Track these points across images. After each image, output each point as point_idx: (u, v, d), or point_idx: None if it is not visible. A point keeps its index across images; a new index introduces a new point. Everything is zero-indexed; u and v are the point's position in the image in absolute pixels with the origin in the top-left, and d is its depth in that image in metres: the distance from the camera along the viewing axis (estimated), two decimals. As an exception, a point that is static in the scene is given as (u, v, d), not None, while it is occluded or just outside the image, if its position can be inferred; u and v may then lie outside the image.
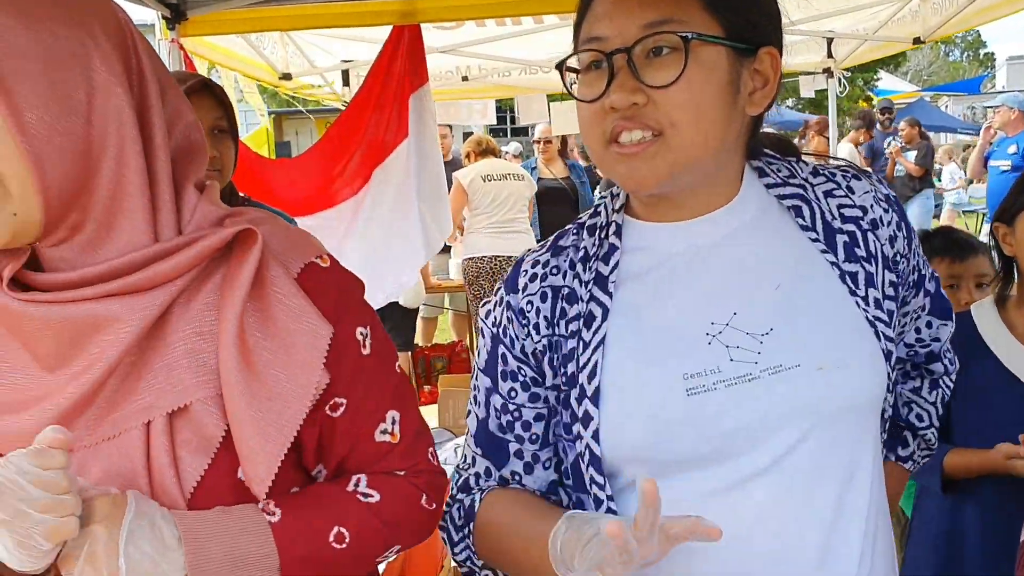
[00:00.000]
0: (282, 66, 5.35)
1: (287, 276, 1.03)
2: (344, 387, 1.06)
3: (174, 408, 0.99)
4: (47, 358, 0.98)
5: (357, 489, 1.09)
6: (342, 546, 1.04)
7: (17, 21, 0.90)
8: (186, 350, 0.99)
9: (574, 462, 1.15)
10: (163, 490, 0.98)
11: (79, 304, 0.96)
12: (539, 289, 1.18)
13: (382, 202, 3.88)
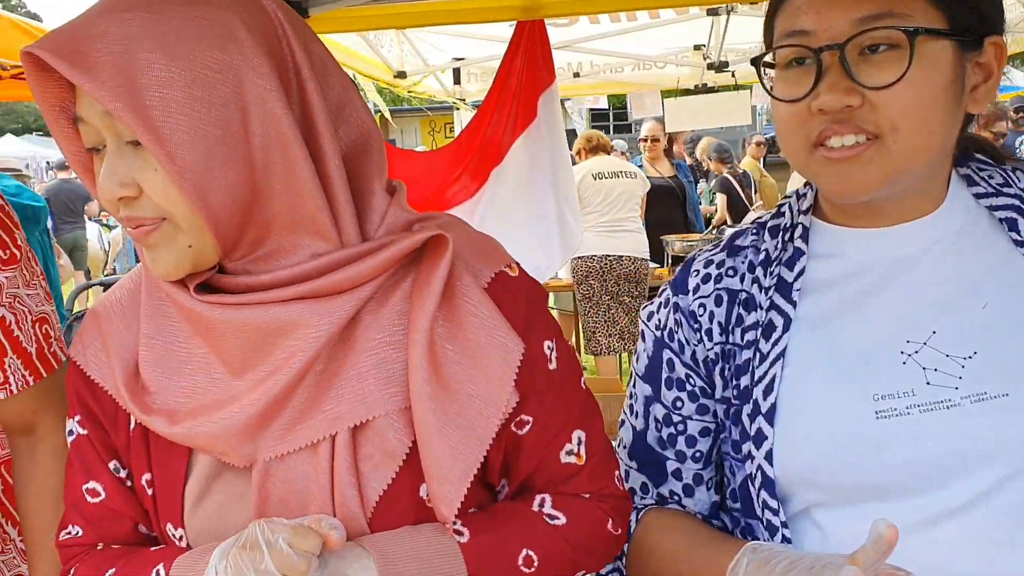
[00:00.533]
0: (397, 64, 5.36)
1: (477, 285, 0.96)
2: (531, 405, 0.99)
3: (359, 421, 0.93)
4: (233, 362, 0.94)
5: (542, 510, 1.02)
6: (531, 570, 0.98)
7: (162, 54, 0.84)
8: (375, 360, 0.93)
9: (742, 484, 1.06)
10: (344, 507, 0.93)
11: (266, 308, 0.91)
12: (713, 291, 1.10)
13: (501, 200, 3.82)
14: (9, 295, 1.28)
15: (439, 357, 0.93)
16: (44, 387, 1.33)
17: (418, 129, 17.04)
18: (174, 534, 1.00)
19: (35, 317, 1.33)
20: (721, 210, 8.16)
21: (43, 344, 1.34)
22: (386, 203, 0.98)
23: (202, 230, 0.89)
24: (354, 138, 0.98)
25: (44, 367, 1.33)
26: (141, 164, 0.87)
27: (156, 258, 0.91)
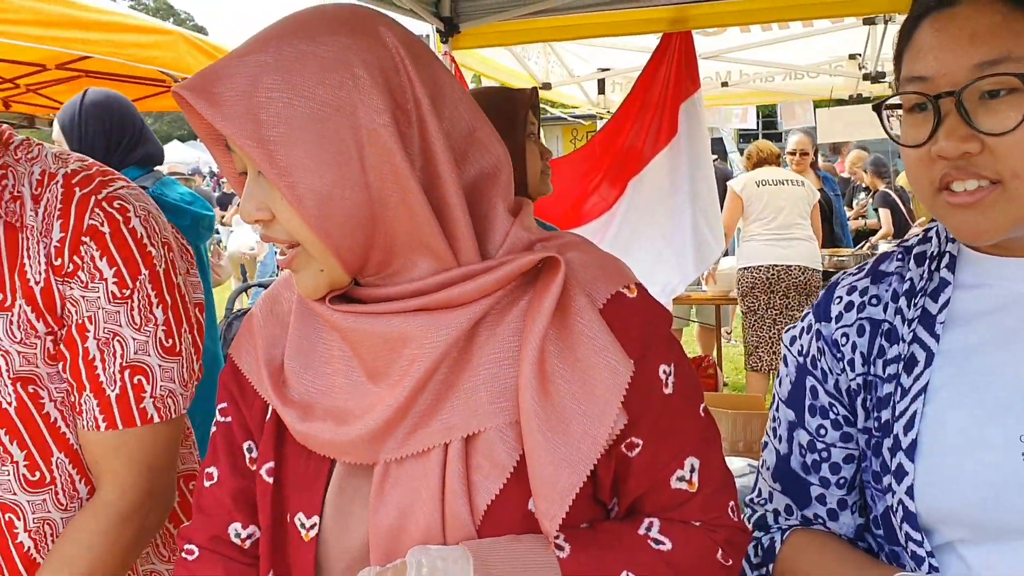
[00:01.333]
0: (543, 76, 5.42)
1: (592, 307, 0.96)
2: (642, 428, 0.98)
3: (472, 432, 0.95)
4: (369, 368, 0.99)
5: (649, 534, 1.00)
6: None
7: (284, 91, 0.89)
8: (489, 374, 0.96)
9: (884, 513, 1.04)
10: (454, 515, 0.95)
11: (388, 318, 0.95)
12: (856, 320, 1.07)
13: (637, 211, 3.79)
14: (107, 331, 1.19)
15: (548, 375, 0.94)
16: (116, 440, 1.21)
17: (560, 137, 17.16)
18: (304, 523, 1.04)
19: (127, 363, 1.20)
20: (886, 224, 7.81)
21: (129, 393, 1.20)
22: (508, 224, 1.00)
23: (327, 255, 0.94)
24: (481, 163, 1.00)
25: (122, 418, 1.20)
26: (272, 192, 0.93)
27: (299, 280, 0.98)
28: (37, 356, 1.17)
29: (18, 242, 1.15)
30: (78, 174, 1.19)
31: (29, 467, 1.19)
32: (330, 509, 1.03)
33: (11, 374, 1.16)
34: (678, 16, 3.66)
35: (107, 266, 1.16)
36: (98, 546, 1.19)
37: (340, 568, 1.03)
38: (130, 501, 1.22)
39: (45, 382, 1.19)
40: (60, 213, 1.16)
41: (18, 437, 1.18)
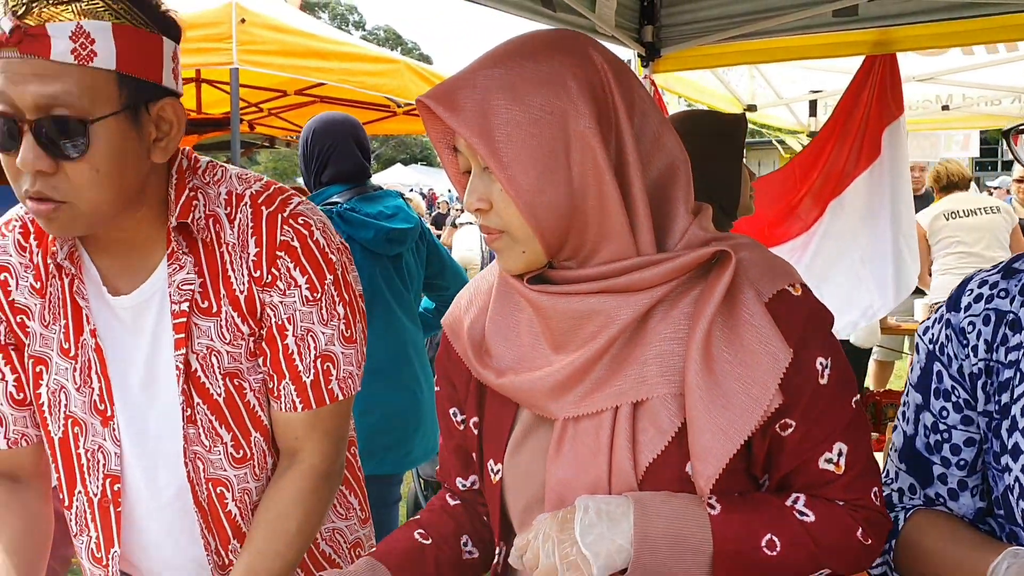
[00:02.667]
0: (748, 97, 5.41)
1: (758, 300, 1.08)
2: (796, 410, 1.09)
3: (640, 399, 1.10)
4: (544, 341, 1.16)
5: (795, 506, 1.11)
6: (772, 553, 1.07)
7: (508, 99, 1.06)
8: (659, 351, 1.10)
9: (1003, 493, 1.09)
10: (619, 470, 1.09)
11: (581, 297, 1.12)
12: (983, 311, 1.13)
13: (835, 236, 3.74)
14: (303, 329, 1.37)
15: (713, 356, 1.07)
16: (313, 418, 1.40)
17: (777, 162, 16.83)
18: (493, 469, 1.23)
19: (320, 353, 1.39)
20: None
21: (321, 379, 1.39)
22: (688, 222, 1.13)
23: (532, 239, 1.11)
24: (665, 166, 1.15)
25: (316, 399, 1.39)
26: (491, 186, 1.11)
27: (502, 260, 1.16)
28: (241, 354, 1.37)
29: (218, 257, 1.35)
30: (262, 194, 1.38)
31: (235, 446, 1.40)
32: (509, 458, 1.21)
33: (221, 370, 1.37)
34: (881, 39, 3.60)
35: (300, 275, 1.36)
36: (307, 501, 1.39)
37: (519, 508, 1.21)
38: (329, 464, 1.43)
39: (246, 375, 1.39)
40: (253, 231, 1.35)
41: (226, 422, 1.39)
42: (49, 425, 1.42)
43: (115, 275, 1.37)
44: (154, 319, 1.36)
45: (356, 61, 5.42)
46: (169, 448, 1.38)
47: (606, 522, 1.06)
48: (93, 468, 1.40)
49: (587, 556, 1.05)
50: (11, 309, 1.39)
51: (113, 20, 1.18)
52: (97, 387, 1.37)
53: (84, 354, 1.37)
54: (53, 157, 1.17)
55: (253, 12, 4.57)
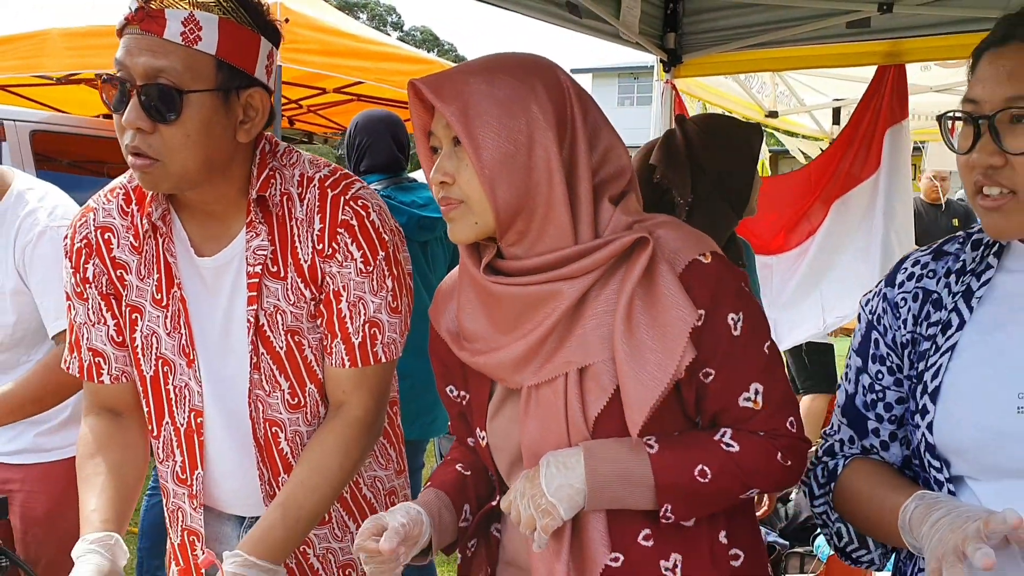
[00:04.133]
0: (769, 104, 5.58)
1: (671, 272, 1.29)
2: (714, 360, 1.30)
3: (583, 365, 1.31)
4: (503, 323, 1.36)
5: (722, 439, 1.32)
6: (705, 480, 1.28)
7: (486, 95, 1.27)
8: (596, 323, 1.31)
9: (916, 446, 1.28)
10: (574, 424, 1.31)
11: (536, 286, 1.33)
12: (913, 289, 1.32)
13: (836, 233, 3.92)
14: (355, 296, 1.57)
15: (634, 323, 1.28)
16: (359, 375, 1.59)
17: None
18: (480, 435, 1.45)
19: (368, 319, 1.58)
20: None
21: (367, 341, 1.58)
22: (611, 210, 1.34)
23: (487, 212, 1.31)
24: (612, 171, 1.37)
25: (362, 359, 1.58)
26: (459, 163, 1.31)
27: (454, 228, 1.36)
28: (302, 315, 1.59)
29: (288, 229, 1.57)
30: (329, 178, 1.59)
31: (291, 394, 1.62)
32: (490, 424, 1.44)
33: (284, 327, 1.59)
34: (892, 50, 3.78)
35: (356, 250, 1.57)
36: (348, 447, 1.59)
37: (505, 466, 1.44)
38: (371, 417, 1.63)
39: (306, 333, 1.60)
40: (319, 209, 1.56)
41: (285, 372, 1.61)
42: (142, 365, 1.64)
43: (201, 240, 1.60)
44: (232, 279, 1.59)
45: (393, 61, 5.66)
46: (238, 389, 1.61)
47: (564, 471, 1.28)
48: (180, 402, 1.63)
49: (553, 503, 1.27)
50: (112, 264, 1.62)
51: (220, 15, 1.42)
52: (184, 333, 1.60)
53: (173, 304, 1.60)
54: (151, 118, 1.41)
55: (296, 12, 4.81)
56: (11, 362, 2.32)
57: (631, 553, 1.34)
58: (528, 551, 1.37)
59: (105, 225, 1.63)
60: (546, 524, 1.27)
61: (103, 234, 1.63)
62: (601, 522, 1.33)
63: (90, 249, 1.63)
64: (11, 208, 2.27)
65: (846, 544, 1.42)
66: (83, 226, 1.64)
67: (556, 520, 1.27)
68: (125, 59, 1.41)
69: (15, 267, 2.24)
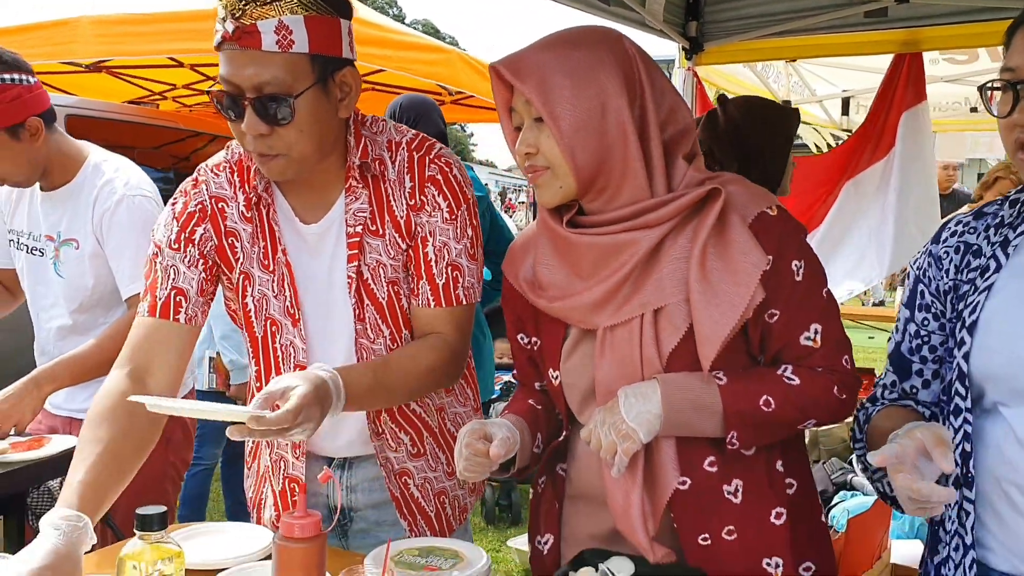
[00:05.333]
0: (783, 93, 5.71)
1: (742, 222, 1.44)
2: (778, 302, 1.44)
3: (659, 306, 1.45)
4: (580, 271, 1.51)
5: (784, 374, 1.47)
6: (768, 409, 1.43)
7: (558, 59, 1.41)
8: (670, 269, 1.45)
9: (951, 379, 1.42)
10: (647, 360, 1.46)
11: (612, 235, 1.47)
12: (956, 243, 1.47)
13: (849, 212, 4.04)
14: (440, 241, 1.72)
15: (708, 267, 1.42)
16: (445, 313, 1.74)
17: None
18: (553, 375, 1.59)
19: (450, 262, 1.73)
20: None
21: (450, 283, 1.73)
22: (685, 167, 1.49)
23: (569, 176, 1.45)
24: (677, 130, 1.50)
25: (445, 299, 1.73)
26: (539, 134, 1.45)
27: (542, 193, 1.50)
28: (399, 267, 1.74)
29: (383, 191, 1.72)
30: (414, 142, 1.76)
31: (391, 339, 1.77)
32: (564, 365, 1.58)
33: (385, 279, 1.74)
34: (909, 39, 3.91)
35: (442, 200, 1.73)
36: (435, 359, 1.73)
37: (576, 402, 1.58)
38: (458, 345, 1.78)
39: (402, 284, 1.75)
40: (408, 169, 1.72)
41: (386, 320, 1.76)
42: (254, 327, 1.78)
43: (303, 210, 1.75)
44: (333, 242, 1.74)
45: (414, 50, 5.76)
46: (341, 343, 1.75)
47: (642, 400, 1.42)
48: (286, 359, 1.77)
49: (634, 427, 1.41)
50: (225, 232, 1.76)
51: (304, 13, 1.54)
52: (288, 295, 1.74)
53: (279, 269, 1.74)
54: (268, 124, 1.56)
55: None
56: (89, 323, 2.47)
57: (697, 478, 1.48)
58: (603, 480, 1.51)
59: (219, 196, 1.76)
60: (627, 448, 1.41)
61: (217, 203, 1.76)
62: (671, 449, 1.47)
63: (204, 215, 1.76)
64: (89, 178, 2.41)
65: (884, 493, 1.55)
66: (197, 193, 1.77)
67: (636, 444, 1.41)
68: (232, 76, 1.54)
69: (93, 232, 2.38)
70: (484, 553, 1.59)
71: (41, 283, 2.51)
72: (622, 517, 1.48)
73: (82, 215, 2.40)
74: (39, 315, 2.56)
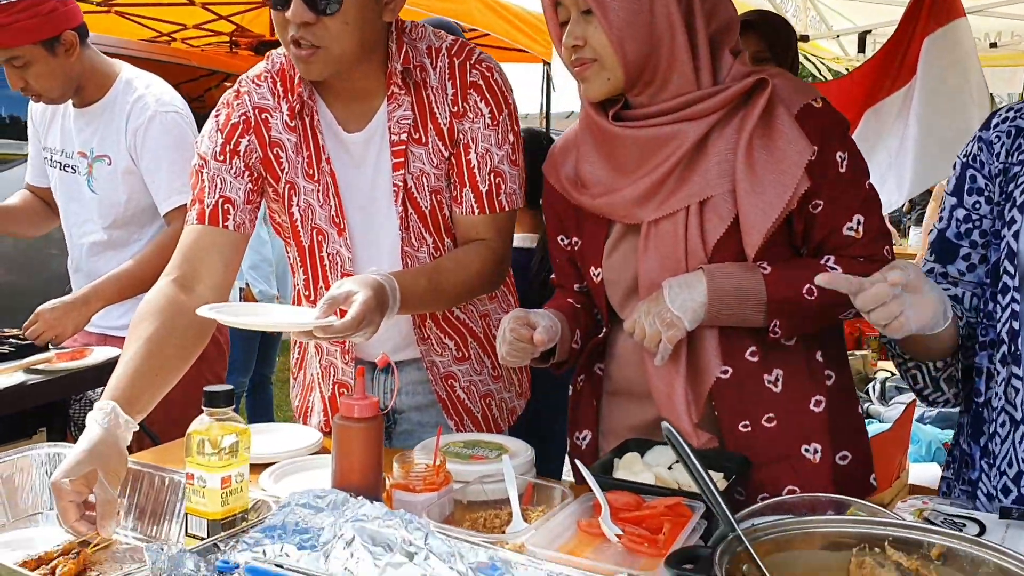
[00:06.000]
0: (801, 28, 5.65)
1: (788, 114, 1.45)
2: (822, 193, 1.46)
3: (704, 198, 1.47)
4: (624, 166, 1.52)
5: (827, 263, 1.49)
6: (811, 298, 1.45)
7: None
8: (717, 160, 1.47)
9: (997, 259, 1.43)
10: (692, 252, 1.48)
11: (657, 128, 1.48)
12: (1007, 128, 1.49)
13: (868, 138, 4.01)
14: (483, 148, 1.73)
15: (754, 157, 1.44)
16: (488, 220, 1.76)
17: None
18: (594, 273, 1.62)
19: (492, 169, 1.74)
20: None
21: (493, 190, 1.74)
22: (731, 60, 1.50)
23: (616, 68, 1.46)
24: (722, 23, 1.50)
25: (489, 206, 1.75)
26: (587, 27, 1.46)
27: (588, 87, 1.51)
28: (442, 175, 1.75)
29: (425, 97, 1.72)
30: (454, 47, 1.75)
31: (435, 247, 1.79)
32: (606, 261, 1.60)
33: (428, 188, 1.75)
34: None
35: (484, 106, 1.73)
36: (481, 263, 1.76)
37: (618, 298, 1.60)
38: (502, 251, 1.80)
39: (444, 193, 1.77)
40: (450, 75, 1.72)
41: (429, 229, 1.78)
42: (301, 236, 1.80)
43: (346, 118, 1.76)
44: (376, 151, 1.75)
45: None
46: (386, 251, 1.77)
47: (687, 289, 1.45)
48: (333, 269, 1.79)
49: (679, 315, 1.44)
50: (269, 143, 1.76)
51: None
52: (333, 204, 1.75)
53: (323, 178, 1.75)
54: (315, 12, 1.56)
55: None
56: (123, 239, 2.50)
57: (739, 367, 1.52)
58: (645, 372, 1.55)
59: (262, 106, 1.77)
60: (671, 335, 1.44)
61: (260, 114, 1.77)
62: (714, 338, 1.50)
63: (247, 126, 1.76)
64: (120, 94, 2.43)
65: (921, 388, 1.58)
66: (240, 104, 1.78)
67: (680, 331, 1.44)
68: None
69: (127, 149, 2.41)
70: (529, 446, 1.64)
71: (75, 200, 2.54)
72: (665, 405, 1.52)
73: (114, 131, 2.42)
74: (72, 232, 2.60)
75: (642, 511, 1.29)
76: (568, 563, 1.15)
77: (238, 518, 1.26)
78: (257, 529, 1.19)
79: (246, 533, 1.19)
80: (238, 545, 1.17)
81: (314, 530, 1.18)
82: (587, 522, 1.29)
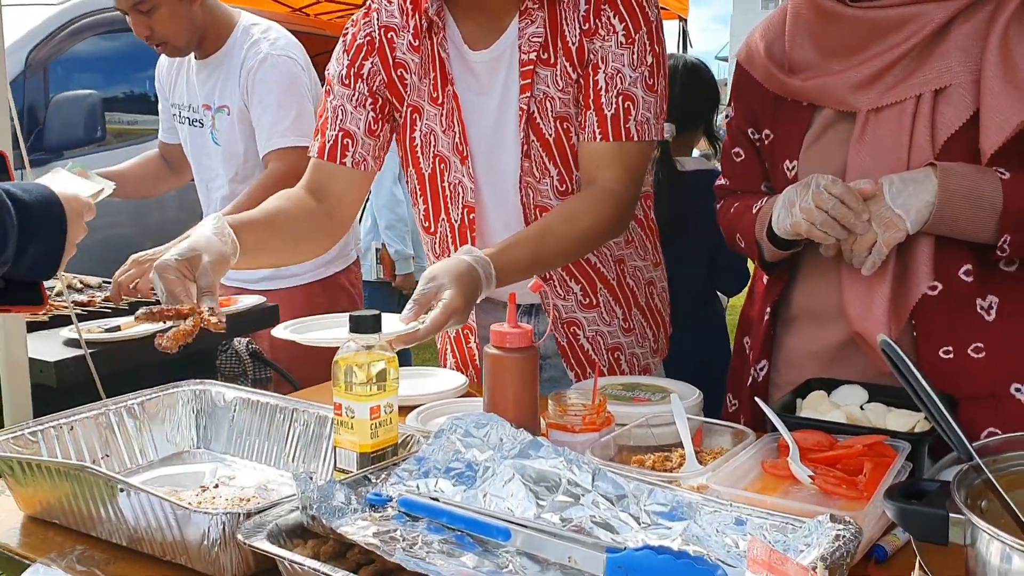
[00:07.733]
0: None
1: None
2: None
3: (940, 87, 1.29)
4: (840, 51, 1.38)
5: None
6: None
7: None
8: (961, 45, 1.29)
9: None
10: (918, 147, 1.31)
11: (897, 8, 1.33)
12: None
13: None
14: (613, 68, 1.56)
15: (1010, 47, 1.25)
16: (612, 150, 1.57)
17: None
18: (788, 167, 1.46)
19: (622, 91, 1.56)
20: None
21: (621, 115, 1.56)
22: None
23: None
24: None
25: (614, 133, 1.56)
26: None
27: None
28: (569, 100, 1.60)
29: (557, 13, 1.57)
30: None
31: (559, 181, 1.65)
32: (804, 154, 1.44)
33: (553, 114, 1.61)
34: None
35: (618, 22, 1.56)
36: (597, 212, 1.56)
37: None
38: (624, 192, 1.60)
39: (572, 120, 1.61)
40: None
41: (553, 159, 1.63)
42: (421, 163, 1.71)
43: (473, 36, 1.63)
44: (504, 72, 1.62)
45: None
46: (509, 181, 1.65)
47: (913, 186, 1.26)
48: (454, 199, 1.69)
49: (900, 215, 1.26)
50: (393, 64, 1.67)
51: None
52: (457, 131, 1.64)
53: (447, 103, 1.64)
54: None
55: None
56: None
57: (951, 285, 1.33)
58: (840, 284, 1.39)
59: (388, 25, 1.68)
60: (889, 238, 1.27)
61: (386, 33, 1.67)
62: (928, 247, 1.32)
63: (372, 47, 1.68)
64: (238, 42, 2.42)
65: None
66: (367, 24, 1.69)
67: (900, 233, 1.27)
68: None
69: (240, 93, 2.39)
70: (696, 388, 1.49)
71: (204, 154, 2.54)
72: (861, 318, 1.36)
73: (232, 80, 2.41)
74: (207, 186, 2.60)
75: (836, 451, 1.14)
76: (761, 504, 1.01)
77: (388, 452, 1.16)
78: (410, 461, 1.09)
79: (398, 466, 1.10)
80: (390, 478, 1.09)
81: (471, 465, 1.08)
82: (773, 463, 1.15)
